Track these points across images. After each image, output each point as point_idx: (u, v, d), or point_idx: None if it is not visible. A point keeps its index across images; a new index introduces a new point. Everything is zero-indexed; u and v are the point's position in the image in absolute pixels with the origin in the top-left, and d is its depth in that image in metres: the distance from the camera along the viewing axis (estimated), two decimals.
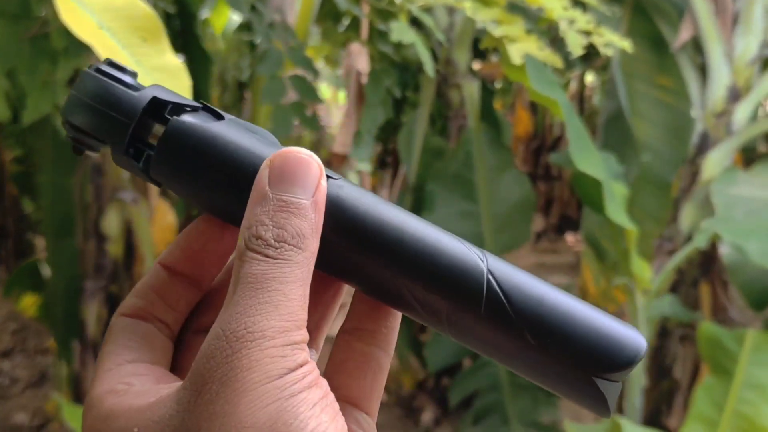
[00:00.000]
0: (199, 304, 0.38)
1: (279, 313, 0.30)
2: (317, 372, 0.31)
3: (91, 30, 1.06)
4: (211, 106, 0.34)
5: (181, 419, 0.29)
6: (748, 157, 3.35)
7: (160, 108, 0.34)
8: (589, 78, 5.60)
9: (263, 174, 0.31)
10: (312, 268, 0.31)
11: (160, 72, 1.08)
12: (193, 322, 0.37)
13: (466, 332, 0.32)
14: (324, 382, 0.31)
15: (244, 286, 0.30)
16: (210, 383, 0.29)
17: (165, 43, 1.10)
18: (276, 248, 0.30)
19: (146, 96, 0.34)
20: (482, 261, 0.32)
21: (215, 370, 0.29)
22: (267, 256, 0.30)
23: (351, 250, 0.32)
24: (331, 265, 0.34)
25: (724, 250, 2.34)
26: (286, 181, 0.31)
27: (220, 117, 0.33)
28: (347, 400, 0.36)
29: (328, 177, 0.33)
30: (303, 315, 0.30)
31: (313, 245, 0.31)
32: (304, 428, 0.28)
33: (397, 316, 0.38)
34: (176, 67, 1.10)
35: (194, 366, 0.29)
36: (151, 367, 0.34)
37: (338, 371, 0.37)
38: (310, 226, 0.31)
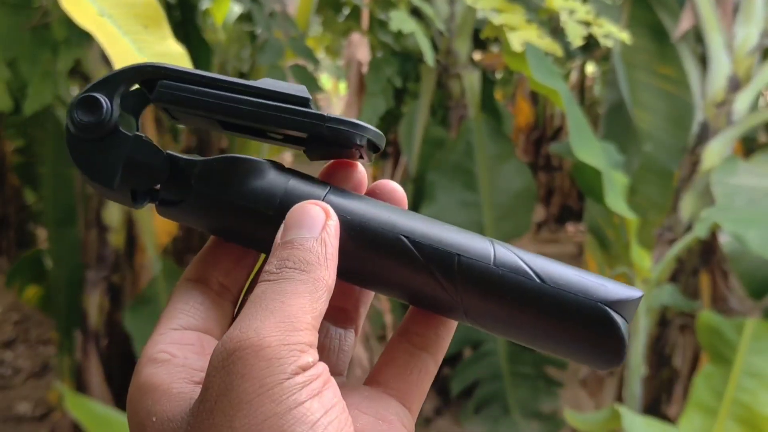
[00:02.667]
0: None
1: (275, 317, 0.30)
2: (326, 375, 0.30)
3: (92, 17, 1.06)
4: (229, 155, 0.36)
5: (186, 427, 0.30)
6: (749, 146, 3.35)
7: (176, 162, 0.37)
8: (590, 68, 5.60)
9: (278, 233, 0.34)
10: (322, 287, 0.32)
11: (162, 59, 1.08)
12: (253, 284, 0.38)
13: (479, 286, 0.34)
14: (334, 387, 0.31)
15: (248, 305, 0.31)
16: (210, 391, 0.29)
17: (166, 30, 1.10)
18: (277, 273, 0.32)
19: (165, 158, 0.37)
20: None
21: (213, 377, 0.29)
22: (269, 280, 0.32)
23: (367, 260, 0.35)
24: (356, 277, 0.36)
25: (724, 240, 2.35)
26: (292, 228, 0.33)
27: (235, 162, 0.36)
28: (391, 394, 0.37)
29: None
30: (306, 319, 0.30)
31: (320, 271, 0.32)
32: None
33: (449, 326, 0.39)
34: (178, 53, 1.10)
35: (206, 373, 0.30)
36: (200, 336, 0.35)
37: (386, 365, 0.38)
38: (315, 256, 0.32)
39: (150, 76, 0.37)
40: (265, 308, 0.30)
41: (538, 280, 0.33)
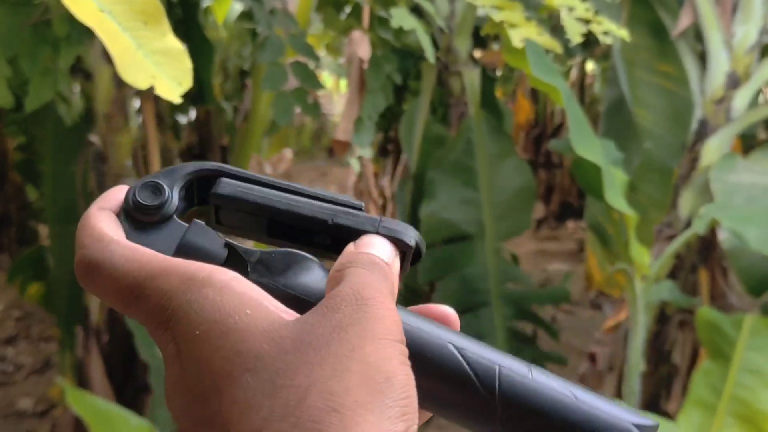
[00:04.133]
0: None
1: (387, 292, 0.36)
2: None
3: (93, 13, 1.07)
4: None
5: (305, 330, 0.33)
6: (748, 144, 3.36)
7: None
8: (590, 66, 5.60)
9: (351, 247, 0.38)
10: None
11: (161, 55, 1.09)
12: None
13: (518, 397, 0.36)
14: None
15: (345, 273, 0.36)
16: (340, 314, 0.33)
17: (166, 26, 1.11)
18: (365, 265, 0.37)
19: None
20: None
21: (347, 303, 0.33)
22: (357, 266, 0.36)
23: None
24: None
25: (723, 236, 2.35)
26: (372, 248, 0.38)
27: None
28: None
29: None
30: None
31: (389, 280, 0.37)
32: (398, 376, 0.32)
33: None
34: (177, 50, 1.11)
35: (322, 304, 0.34)
36: None
37: None
38: (385, 271, 0.37)
39: (211, 173, 0.39)
40: (372, 282, 0.35)
41: (573, 397, 0.36)
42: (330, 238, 0.39)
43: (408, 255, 0.39)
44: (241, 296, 0.34)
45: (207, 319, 0.33)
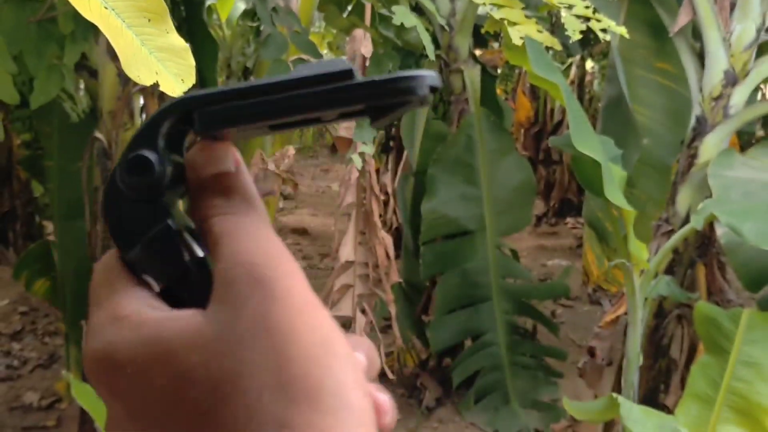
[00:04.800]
0: None
1: (276, 250, 0.33)
2: None
3: (97, 10, 1.09)
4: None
5: (218, 329, 0.31)
6: (746, 140, 3.38)
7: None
8: (589, 64, 5.63)
9: (189, 173, 0.36)
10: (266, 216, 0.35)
11: (165, 52, 1.12)
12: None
13: None
14: None
15: (227, 237, 0.33)
16: (249, 302, 0.31)
17: (169, 24, 1.13)
18: (230, 204, 0.35)
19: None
20: None
21: (250, 292, 0.31)
22: (228, 212, 0.34)
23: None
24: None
25: (721, 232, 2.37)
26: (208, 163, 0.36)
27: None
28: None
29: None
30: (286, 251, 0.34)
31: (255, 195, 0.36)
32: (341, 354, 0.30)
33: None
34: (180, 47, 1.13)
35: (221, 293, 0.32)
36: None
37: None
38: (246, 183, 0.36)
39: (184, 111, 0.36)
40: (253, 238, 0.33)
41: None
42: (336, 114, 0.35)
43: (425, 97, 0.34)
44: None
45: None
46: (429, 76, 0.33)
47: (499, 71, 3.98)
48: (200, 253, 0.36)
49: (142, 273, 0.36)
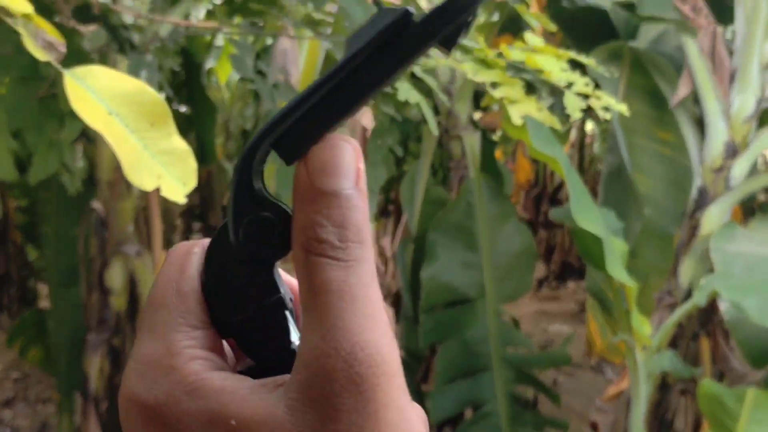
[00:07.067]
0: None
1: (382, 329, 0.28)
2: None
3: (101, 116, 1.08)
4: None
5: None
6: (748, 205, 3.38)
7: None
8: (589, 126, 5.66)
9: (301, 171, 0.30)
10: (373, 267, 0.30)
11: (167, 155, 1.11)
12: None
13: None
14: None
15: (328, 296, 0.28)
16: (342, 411, 0.27)
17: (172, 127, 1.13)
18: (343, 249, 0.29)
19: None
20: None
21: (345, 397, 0.27)
22: (338, 259, 0.29)
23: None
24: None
25: (724, 307, 2.35)
26: (327, 172, 0.29)
27: None
28: None
29: None
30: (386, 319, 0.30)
31: (369, 233, 0.30)
32: None
33: None
34: (183, 150, 1.12)
35: (312, 382, 0.28)
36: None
37: None
38: (363, 215, 0.29)
39: (264, 148, 0.32)
40: (366, 313, 0.28)
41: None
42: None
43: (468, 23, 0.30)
44: None
45: None
46: None
47: (498, 133, 3.99)
48: (296, 338, 0.32)
49: (225, 336, 0.32)
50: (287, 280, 0.35)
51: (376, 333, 0.28)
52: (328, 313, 0.28)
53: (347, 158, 0.30)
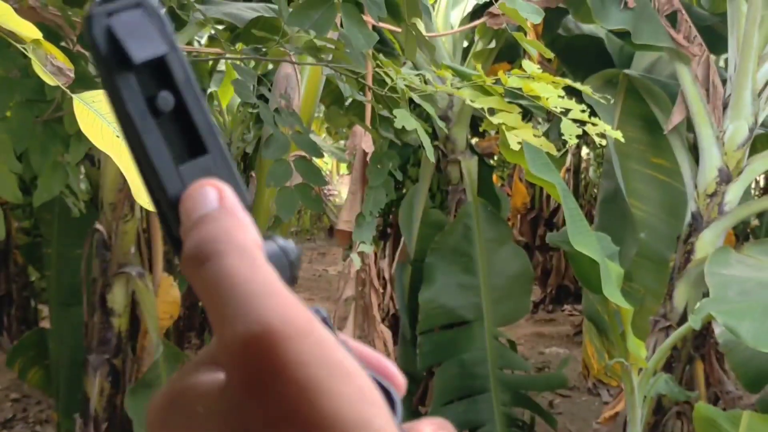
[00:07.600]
0: None
1: (272, 298, 0.28)
2: None
3: (109, 139, 1.12)
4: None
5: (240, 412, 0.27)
6: (741, 229, 3.41)
7: None
8: (585, 151, 5.71)
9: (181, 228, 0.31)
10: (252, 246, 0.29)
11: None
12: None
13: None
14: None
15: (213, 297, 0.28)
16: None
17: None
18: (205, 252, 0.29)
19: None
20: None
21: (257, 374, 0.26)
22: (207, 260, 0.29)
23: None
24: None
25: (719, 330, 2.37)
26: (192, 210, 0.30)
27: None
28: None
29: None
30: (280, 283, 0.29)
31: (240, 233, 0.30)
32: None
33: None
34: None
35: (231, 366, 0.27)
36: None
37: None
38: (227, 225, 0.30)
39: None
40: (240, 294, 0.27)
41: None
42: None
43: None
44: None
45: None
46: None
47: (495, 157, 4.03)
48: None
49: None
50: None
51: (269, 302, 0.27)
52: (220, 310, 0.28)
53: (209, 194, 0.31)
